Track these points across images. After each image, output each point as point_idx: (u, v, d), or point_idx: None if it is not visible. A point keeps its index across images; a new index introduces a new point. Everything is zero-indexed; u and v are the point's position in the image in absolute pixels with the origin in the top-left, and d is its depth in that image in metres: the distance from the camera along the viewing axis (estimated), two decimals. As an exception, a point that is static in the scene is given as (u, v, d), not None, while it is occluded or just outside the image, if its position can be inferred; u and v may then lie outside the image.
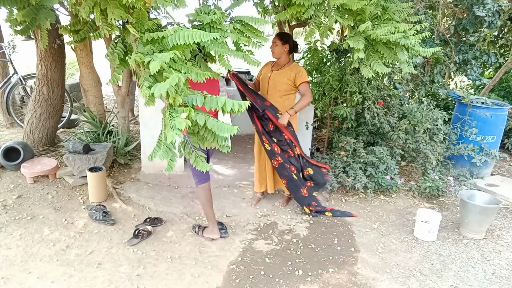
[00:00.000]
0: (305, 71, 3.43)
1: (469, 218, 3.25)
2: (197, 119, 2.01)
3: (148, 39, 2.20)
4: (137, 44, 2.22)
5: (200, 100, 2.07)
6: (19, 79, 5.08)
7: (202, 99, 2.07)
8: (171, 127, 1.95)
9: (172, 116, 2.01)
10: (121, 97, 4.54)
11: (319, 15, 2.89)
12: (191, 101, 2.09)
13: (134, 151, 4.49)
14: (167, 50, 2.20)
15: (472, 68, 5.05)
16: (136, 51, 2.18)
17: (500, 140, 4.59)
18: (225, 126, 2.07)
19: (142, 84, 2.15)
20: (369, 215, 3.60)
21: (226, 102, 2.02)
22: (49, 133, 4.54)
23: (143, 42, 2.22)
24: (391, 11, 2.96)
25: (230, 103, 2.03)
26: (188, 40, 2.09)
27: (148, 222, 3.23)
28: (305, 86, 3.38)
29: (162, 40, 2.21)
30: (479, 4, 4.41)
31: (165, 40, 2.18)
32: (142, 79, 2.17)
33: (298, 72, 3.38)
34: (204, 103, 2.07)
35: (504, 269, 2.90)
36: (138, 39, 2.22)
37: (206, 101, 2.07)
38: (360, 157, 3.95)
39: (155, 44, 2.23)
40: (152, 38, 2.19)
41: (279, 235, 3.20)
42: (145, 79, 2.15)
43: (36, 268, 2.66)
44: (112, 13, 2.23)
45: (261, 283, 2.62)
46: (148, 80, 2.13)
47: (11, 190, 3.69)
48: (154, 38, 2.19)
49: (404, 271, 2.82)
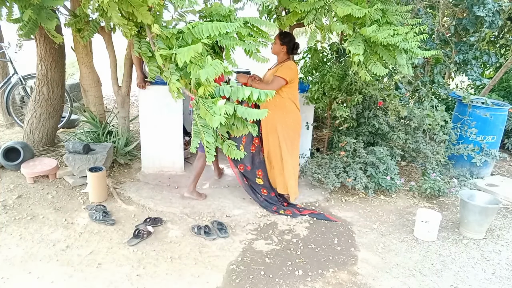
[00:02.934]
0: (291, 69, 3.42)
1: (469, 218, 3.25)
2: (226, 109, 2.04)
3: (168, 35, 2.22)
4: (157, 41, 2.24)
5: (228, 90, 2.11)
6: (19, 79, 5.08)
7: (229, 90, 2.11)
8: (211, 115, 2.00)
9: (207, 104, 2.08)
10: (121, 97, 4.54)
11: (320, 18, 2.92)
12: (218, 92, 2.13)
13: (134, 151, 4.49)
14: (187, 44, 2.21)
15: (472, 68, 5.05)
16: (158, 47, 2.20)
17: (500, 140, 4.59)
18: (255, 111, 2.14)
19: (170, 79, 2.19)
20: (369, 215, 3.60)
21: (253, 92, 2.06)
22: (49, 133, 4.54)
23: (162, 38, 2.24)
24: (390, 14, 2.98)
25: (257, 93, 2.07)
26: (212, 32, 2.12)
27: (148, 222, 3.23)
28: (276, 79, 3.37)
29: (183, 35, 2.23)
30: (480, 4, 4.41)
31: (186, 35, 2.21)
32: (168, 73, 2.20)
33: (281, 66, 3.42)
34: (231, 93, 2.11)
35: (504, 269, 2.90)
36: (157, 36, 2.24)
37: (233, 92, 2.11)
38: (360, 157, 3.95)
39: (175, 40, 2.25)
40: (172, 34, 2.21)
41: (279, 235, 3.20)
42: (172, 73, 2.18)
43: (36, 268, 2.66)
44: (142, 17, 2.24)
45: (261, 283, 2.62)
46: (175, 74, 2.17)
47: (11, 190, 3.69)
48: (174, 33, 2.21)
49: (404, 271, 2.82)
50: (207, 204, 3.63)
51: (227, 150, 2.25)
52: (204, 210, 3.52)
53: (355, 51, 2.79)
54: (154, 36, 2.26)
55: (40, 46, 4.19)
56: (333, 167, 3.95)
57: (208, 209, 3.54)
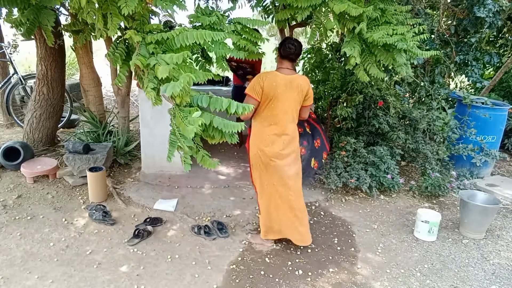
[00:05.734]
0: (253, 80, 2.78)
1: (469, 218, 3.25)
2: (203, 118, 2.02)
3: (152, 41, 2.20)
4: (140, 46, 2.22)
5: (206, 100, 2.08)
6: (19, 79, 5.08)
7: (208, 100, 2.09)
8: (186, 125, 1.97)
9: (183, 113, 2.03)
10: (121, 97, 4.54)
11: (319, 16, 2.89)
12: (196, 101, 2.10)
13: (134, 151, 4.49)
14: (171, 51, 2.20)
15: (473, 70, 5.05)
16: (138, 53, 2.18)
17: (500, 140, 4.59)
18: (231, 123, 2.09)
19: (146, 86, 2.15)
20: (369, 215, 3.60)
21: (231, 104, 2.04)
22: (49, 133, 4.54)
23: (146, 43, 2.22)
24: (389, 13, 2.97)
25: (235, 105, 2.05)
26: (197, 40, 2.10)
27: (148, 222, 3.23)
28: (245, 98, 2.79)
29: (166, 41, 2.21)
30: (480, 4, 4.41)
31: (170, 41, 2.18)
32: (146, 80, 2.17)
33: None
34: (209, 103, 2.08)
35: (504, 269, 2.90)
36: (141, 41, 2.23)
37: (211, 102, 2.08)
38: (360, 157, 3.95)
39: (159, 45, 2.23)
40: (156, 39, 2.20)
41: (279, 235, 3.20)
42: (150, 80, 2.15)
43: (36, 268, 2.66)
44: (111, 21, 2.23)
45: (261, 283, 2.62)
46: (152, 82, 2.13)
47: (11, 190, 3.69)
48: (158, 39, 2.19)
49: (404, 271, 2.82)
50: (207, 204, 3.63)
51: (201, 160, 2.22)
52: (204, 210, 3.52)
53: (350, 52, 2.77)
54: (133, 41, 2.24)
55: (40, 46, 4.19)
56: (334, 167, 3.96)
57: (208, 209, 3.54)
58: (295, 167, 2.91)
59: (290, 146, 2.84)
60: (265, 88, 2.69)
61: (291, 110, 2.79)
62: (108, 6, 2.24)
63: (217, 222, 3.26)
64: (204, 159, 2.20)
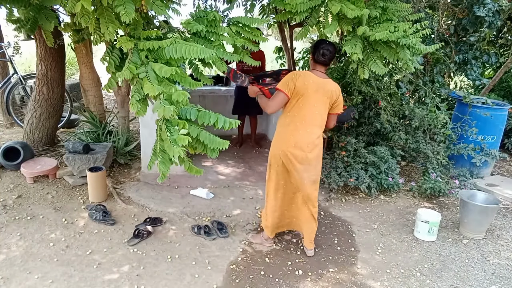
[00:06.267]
0: (286, 77, 2.77)
1: (469, 218, 3.25)
2: (190, 131, 2.01)
3: (144, 48, 2.19)
4: (132, 52, 2.21)
5: (194, 114, 2.07)
6: (19, 79, 5.08)
7: (196, 113, 2.08)
8: (171, 143, 1.95)
9: (169, 130, 2.00)
10: (121, 97, 4.54)
11: (316, 16, 2.90)
12: (185, 114, 2.09)
13: (134, 151, 4.49)
14: (162, 59, 2.19)
15: (472, 68, 5.04)
16: (130, 60, 2.17)
17: (500, 140, 4.59)
18: (217, 140, 2.08)
19: (132, 95, 2.14)
20: (369, 215, 3.60)
21: (218, 119, 2.04)
22: (49, 133, 4.54)
23: (138, 49, 2.21)
24: (390, 11, 2.96)
25: (222, 120, 2.05)
26: (185, 55, 2.09)
27: (148, 222, 3.23)
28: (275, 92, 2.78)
29: (157, 50, 2.20)
30: (479, 4, 4.41)
31: (161, 50, 2.17)
32: (133, 89, 2.16)
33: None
34: (198, 117, 2.07)
35: (504, 269, 2.90)
36: (133, 48, 2.22)
37: (199, 116, 2.08)
38: (361, 157, 3.95)
39: (151, 53, 2.22)
40: (148, 48, 2.18)
41: (279, 235, 3.19)
42: (137, 90, 2.13)
43: (36, 268, 2.66)
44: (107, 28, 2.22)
45: (261, 283, 2.62)
46: (138, 93, 2.11)
47: (11, 190, 3.69)
48: (150, 48, 2.18)
49: (404, 271, 2.82)
50: (207, 204, 3.63)
51: (188, 168, 2.21)
52: (204, 210, 3.52)
53: (351, 51, 2.76)
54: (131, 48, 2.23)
55: (40, 46, 4.19)
56: (334, 167, 3.96)
57: (208, 209, 3.54)
58: (314, 176, 2.83)
59: (313, 152, 2.75)
60: (297, 85, 2.66)
61: (319, 113, 2.73)
62: (103, 11, 2.22)
63: (217, 222, 3.26)
64: (190, 167, 2.19)
